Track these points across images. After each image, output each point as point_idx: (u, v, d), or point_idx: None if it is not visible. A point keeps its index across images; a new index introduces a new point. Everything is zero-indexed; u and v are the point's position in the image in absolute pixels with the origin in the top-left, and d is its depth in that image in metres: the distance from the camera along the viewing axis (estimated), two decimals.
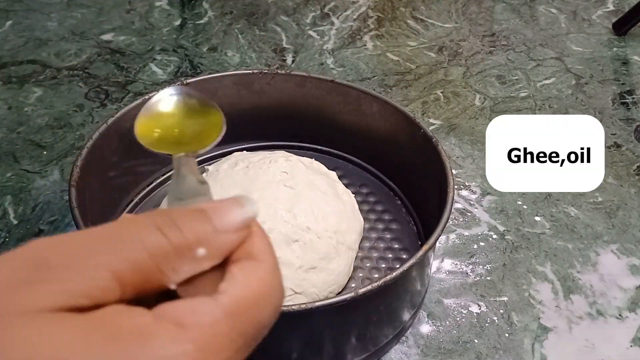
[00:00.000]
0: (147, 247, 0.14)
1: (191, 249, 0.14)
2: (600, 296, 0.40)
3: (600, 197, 0.48)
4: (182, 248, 0.14)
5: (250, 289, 0.15)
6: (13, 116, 0.55)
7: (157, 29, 0.68)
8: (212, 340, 0.13)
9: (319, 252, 0.37)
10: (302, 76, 0.45)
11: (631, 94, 0.60)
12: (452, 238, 0.44)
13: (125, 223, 0.14)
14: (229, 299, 0.14)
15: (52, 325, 0.12)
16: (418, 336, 0.38)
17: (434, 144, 0.39)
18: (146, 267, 0.14)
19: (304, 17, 0.71)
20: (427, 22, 0.71)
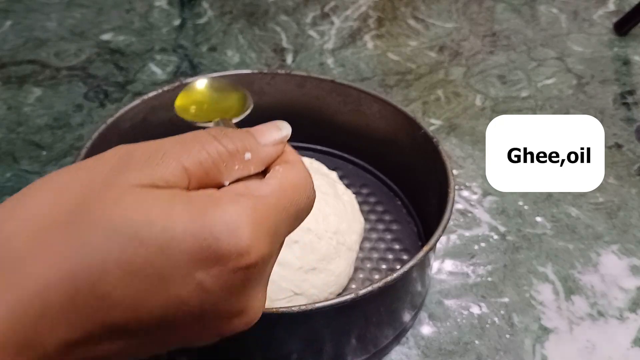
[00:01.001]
0: (206, 149, 0.18)
1: (240, 153, 0.19)
2: (601, 297, 0.40)
3: (601, 197, 0.48)
4: (233, 152, 0.18)
5: (289, 178, 0.19)
6: (12, 116, 0.55)
7: (156, 29, 0.68)
8: (263, 207, 0.17)
9: (319, 253, 0.37)
10: (302, 76, 0.45)
11: (632, 94, 0.60)
12: (452, 239, 0.44)
13: (189, 134, 0.19)
14: (274, 181, 0.19)
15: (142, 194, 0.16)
16: (419, 337, 0.38)
17: (434, 144, 0.39)
18: (206, 164, 0.18)
19: (304, 17, 0.71)
20: (427, 22, 0.70)
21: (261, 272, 0.18)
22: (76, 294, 0.15)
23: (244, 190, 0.18)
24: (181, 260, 0.16)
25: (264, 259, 0.17)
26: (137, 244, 0.16)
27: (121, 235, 0.16)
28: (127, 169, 0.17)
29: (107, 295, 0.16)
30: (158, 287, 0.16)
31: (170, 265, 0.16)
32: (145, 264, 0.16)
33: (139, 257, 0.16)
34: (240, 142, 0.19)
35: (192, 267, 0.16)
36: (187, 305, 0.16)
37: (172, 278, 0.16)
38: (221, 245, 0.16)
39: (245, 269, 0.17)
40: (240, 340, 0.32)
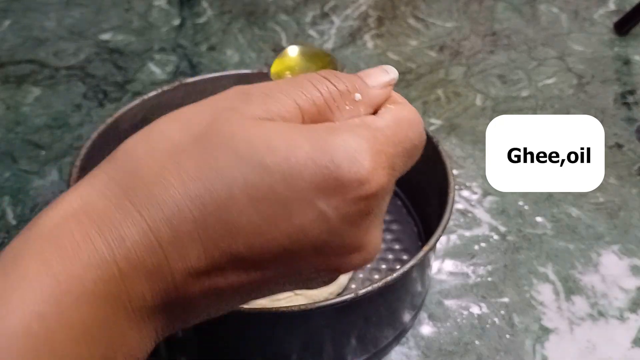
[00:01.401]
0: (318, 89, 0.18)
1: (350, 93, 0.19)
2: (601, 297, 0.40)
3: (602, 197, 0.48)
4: (343, 91, 0.19)
5: (402, 114, 0.19)
6: (11, 116, 0.55)
7: (155, 29, 0.68)
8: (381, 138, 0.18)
9: None
10: None
11: (632, 93, 0.60)
12: (452, 239, 0.44)
13: (302, 76, 0.19)
14: (389, 116, 0.19)
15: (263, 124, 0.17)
16: (419, 337, 0.37)
17: (434, 144, 0.38)
18: (319, 102, 0.18)
19: (303, 16, 0.71)
20: (427, 22, 0.70)
21: (379, 205, 0.18)
22: (204, 221, 0.16)
23: (361, 122, 0.18)
24: (303, 188, 0.16)
25: (384, 189, 0.17)
26: (261, 171, 0.16)
27: (246, 162, 0.16)
28: (246, 103, 0.17)
29: (233, 222, 0.16)
30: (281, 214, 0.16)
31: (293, 193, 0.16)
32: (269, 191, 0.16)
33: (263, 184, 0.16)
34: (350, 83, 0.19)
35: (314, 196, 0.16)
36: (309, 235, 0.16)
37: (294, 206, 0.16)
38: (342, 173, 0.16)
39: (365, 199, 0.17)
40: (240, 340, 0.32)
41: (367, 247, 0.18)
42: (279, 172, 0.16)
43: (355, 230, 0.17)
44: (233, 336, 0.32)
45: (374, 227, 0.18)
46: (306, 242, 0.17)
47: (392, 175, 0.18)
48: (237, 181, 0.16)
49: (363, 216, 0.17)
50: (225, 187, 0.16)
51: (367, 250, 0.18)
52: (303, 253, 0.17)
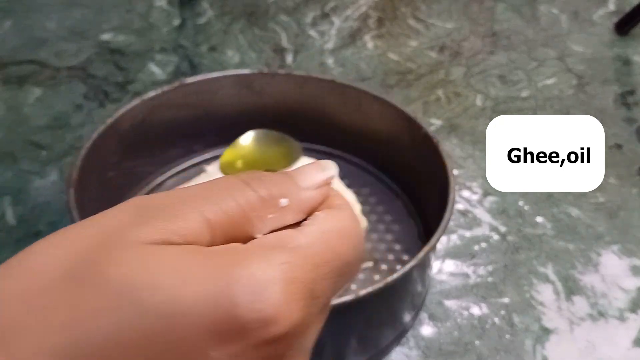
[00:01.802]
0: (235, 197, 0.15)
1: (275, 199, 0.16)
2: (601, 297, 0.40)
3: (602, 197, 0.48)
4: (266, 198, 0.16)
5: (333, 224, 0.16)
6: (12, 116, 0.55)
7: (156, 29, 0.68)
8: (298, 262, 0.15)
9: None
10: (302, 76, 0.45)
11: (632, 94, 0.60)
12: (453, 239, 0.44)
13: (216, 180, 0.16)
14: (314, 228, 0.16)
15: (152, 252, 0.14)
16: (419, 337, 0.38)
17: (435, 144, 0.38)
18: (233, 213, 0.15)
19: (304, 17, 0.71)
20: (427, 22, 0.70)
21: (295, 346, 0.14)
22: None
23: (275, 241, 0.15)
24: (191, 335, 0.13)
25: (297, 328, 0.14)
26: (139, 315, 0.13)
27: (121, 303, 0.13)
28: (139, 223, 0.15)
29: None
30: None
31: (178, 342, 0.13)
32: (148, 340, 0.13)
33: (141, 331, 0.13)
34: (275, 187, 0.16)
35: (206, 344, 0.13)
36: None
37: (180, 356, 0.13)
38: (241, 313, 0.13)
39: (272, 343, 0.14)
40: None
41: None
42: (161, 316, 0.13)
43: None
44: None
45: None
46: None
47: (312, 305, 0.15)
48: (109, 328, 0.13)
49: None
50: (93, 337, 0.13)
51: None
52: None
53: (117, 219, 0.15)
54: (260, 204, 0.16)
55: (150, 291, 0.13)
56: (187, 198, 0.15)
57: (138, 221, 0.15)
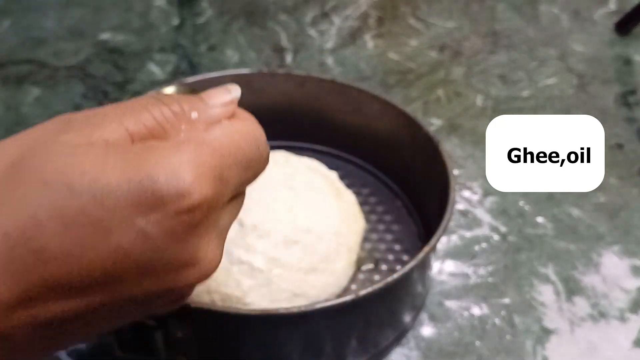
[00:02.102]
0: (151, 112, 0.18)
1: (186, 113, 0.18)
2: (602, 297, 0.40)
3: (603, 198, 0.47)
4: (178, 112, 0.18)
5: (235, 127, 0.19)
6: (11, 116, 0.55)
7: (155, 29, 0.68)
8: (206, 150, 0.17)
9: (319, 254, 0.37)
10: (302, 76, 0.45)
11: (633, 94, 0.60)
12: (453, 239, 0.44)
13: (134, 99, 0.18)
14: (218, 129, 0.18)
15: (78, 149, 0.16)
16: (419, 338, 0.37)
17: (435, 144, 0.38)
18: (150, 125, 0.17)
19: (303, 16, 0.70)
20: (428, 22, 0.70)
21: (208, 218, 0.17)
22: (10, 251, 0.15)
23: (186, 139, 0.18)
24: (118, 207, 0.16)
25: (209, 201, 0.17)
26: (69, 195, 0.15)
27: (53, 188, 0.15)
28: (65, 132, 0.17)
29: (42, 249, 0.15)
30: (96, 236, 0.15)
31: (106, 213, 0.15)
32: (79, 214, 0.15)
33: (72, 207, 0.15)
34: (186, 104, 0.19)
35: (131, 214, 0.16)
36: (130, 255, 0.16)
37: (110, 227, 0.16)
38: (160, 187, 0.16)
39: (187, 212, 0.16)
40: (240, 341, 0.32)
41: (201, 261, 0.17)
42: (89, 193, 0.15)
43: (183, 245, 0.17)
44: (233, 337, 0.32)
45: (206, 241, 0.17)
46: (129, 263, 0.16)
47: (222, 186, 0.17)
48: (44, 208, 0.15)
49: (189, 229, 0.17)
50: (30, 216, 0.15)
51: (202, 265, 0.18)
52: (128, 275, 0.16)
53: (45, 129, 0.17)
54: (173, 117, 0.18)
55: (79, 176, 0.15)
56: (109, 112, 0.18)
57: (64, 129, 0.17)
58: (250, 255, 0.35)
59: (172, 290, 0.18)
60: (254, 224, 0.36)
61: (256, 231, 0.36)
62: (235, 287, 0.35)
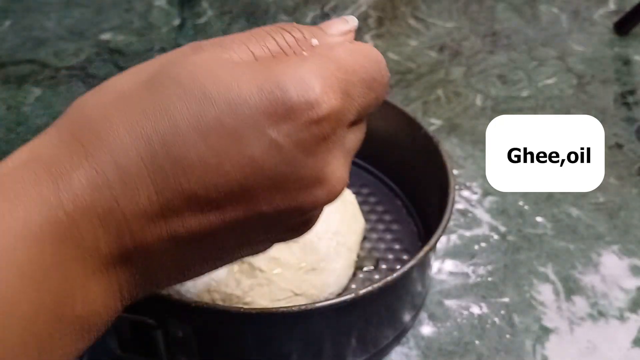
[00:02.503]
0: (273, 37, 0.18)
1: (307, 40, 0.18)
2: (601, 297, 0.40)
3: (602, 197, 0.48)
4: (299, 38, 0.18)
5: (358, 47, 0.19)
6: (12, 116, 0.55)
7: (156, 29, 0.68)
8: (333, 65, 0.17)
9: (319, 253, 0.37)
10: None
11: (633, 93, 0.60)
12: (453, 239, 0.44)
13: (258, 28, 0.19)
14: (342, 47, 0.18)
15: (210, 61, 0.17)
16: (419, 337, 0.37)
17: (435, 144, 0.38)
18: (274, 49, 0.18)
19: (304, 17, 0.71)
20: (427, 22, 0.70)
21: (335, 132, 0.17)
22: (152, 159, 0.15)
23: (311, 53, 0.18)
24: (251, 116, 0.16)
25: (336, 114, 0.17)
26: (206, 102, 0.15)
27: (190, 95, 0.15)
28: (196, 52, 0.17)
29: (182, 158, 0.15)
30: (231, 146, 0.15)
31: (240, 122, 0.15)
32: (216, 122, 0.15)
33: (209, 116, 0.15)
34: (307, 31, 0.19)
35: (263, 124, 0.16)
36: (263, 166, 0.16)
37: (244, 136, 0.16)
38: (290, 97, 0.16)
39: (317, 123, 0.16)
40: (240, 341, 0.32)
41: (329, 179, 0.17)
42: (224, 101, 0.15)
43: (313, 160, 0.17)
44: (233, 336, 0.32)
45: (334, 157, 0.17)
46: (261, 175, 0.16)
47: (348, 101, 0.17)
48: (182, 115, 0.15)
49: (318, 142, 0.16)
50: (170, 123, 0.15)
51: (331, 183, 0.17)
52: (260, 188, 0.16)
53: (178, 51, 0.18)
54: (295, 43, 0.18)
55: (213, 83, 0.16)
56: (236, 37, 0.18)
57: (196, 50, 0.17)
58: None
59: (300, 210, 0.17)
60: None
61: None
62: (236, 286, 0.35)
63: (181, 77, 0.16)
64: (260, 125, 0.16)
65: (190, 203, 0.16)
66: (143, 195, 0.15)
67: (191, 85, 0.16)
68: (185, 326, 0.30)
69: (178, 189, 0.15)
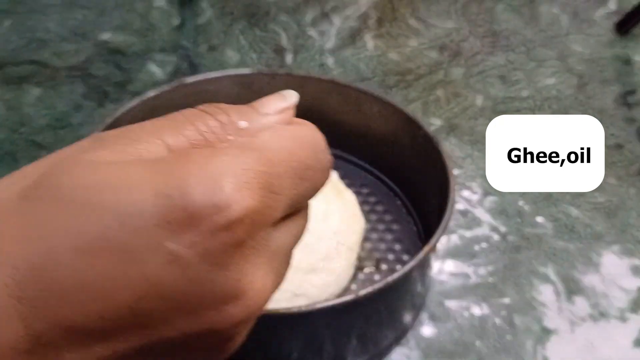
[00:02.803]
0: (195, 124, 0.15)
1: (234, 123, 0.16)
2: (601, 297, 0.40)
3: (601, 197, 0.48)
4: (225, 123, 0.16)
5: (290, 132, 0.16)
6: (13, 116, 0.55)
7: (156, 29, 0.68)
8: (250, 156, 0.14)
9: (319, 253, 0.37)
10: (302, 76, 0.45)
11: (632, 94, 0.60)
12: (453, 239, 0.44)
13: (177, 112, 0.16)
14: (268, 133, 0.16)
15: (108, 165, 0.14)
16: (419, 338, 0.38)
17: (434, 144, 0.38)
18: (193, 138, 0.15)
19: (303, 17, 0.71)
20: (427, 23, 0.70)
21: (253, 237, 0.14)
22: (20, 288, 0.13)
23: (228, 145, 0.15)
24: (143, 227, 0.13)
25: (254, 214, 0.14)
26: (89, 215, 0.13)
27: (71, 208, 0.13)
28: (97, 147, 0.14)
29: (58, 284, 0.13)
30: (119, 266, 0.13)
31: (130, 237, 0.13)
32: (99, 239, 0.13)
33: (93, 232, 0.13)
34: (235, 114, 0.16)
35: (160, 235, 0.13)
36: (159, 287, 0.13)
37: (136, 252, 0.13)
38: (192, 200, 0.13)
39: (227, 229, 0.13)
40: None
41: (246, 293, 0.14)
42: (112, 212, 0.13)
43: (224, 273, 0.14)
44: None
45: (253, 266, 0.14)
46: (158, 296, 0.13)
47: (270, 198, 0.14)
48: (59, 233, 0.13)
49: (231, 251, 0.14)
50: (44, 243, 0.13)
51: (248, 297, 0.14)
52: (158, 311, 0.13)
53: (75, 146, 0.15)
54: (220, 128, 0.15)
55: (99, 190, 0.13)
56: (147, 126, 0.15)
57: (96, 146, 0.15)
58: None
59: (214, 332, 0.14)
60: None
61: None
62: None
63: (63, 185, 0.13)
64: (156, 237, 0.13)
65: (68, 335, 0.13)
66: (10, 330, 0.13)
67: (73, 195, 0.13)
68: None
69: (52, 320, 0.13)
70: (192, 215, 0.13)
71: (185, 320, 0.14)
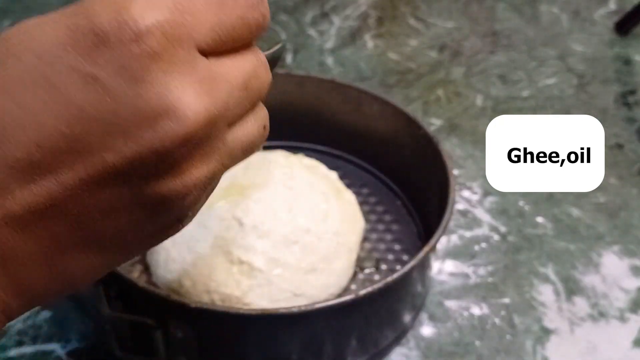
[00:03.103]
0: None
1: None
2: (602, 297, 0.40)
3: (602, 197, 0.47)
4: None
5: None
6: None
7: None
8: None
9: (319, 254, 0.37)
10: (302, 76, 0.45)
11: (633, 93, 0.60)
12: (453, 239, 0.44)
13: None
14: None
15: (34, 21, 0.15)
16: (419, 338, 0.37)
17: (435, 144, 0.38)
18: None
19: (303, 16, 0.71)
20: (427, 22, 0.70)
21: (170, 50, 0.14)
22: None
23: None
24: (58, 56, 0.14)
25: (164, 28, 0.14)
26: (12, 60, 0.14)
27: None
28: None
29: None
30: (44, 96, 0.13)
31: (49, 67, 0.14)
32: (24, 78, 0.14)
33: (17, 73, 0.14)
34: None
35: (74, 60, 0.14)
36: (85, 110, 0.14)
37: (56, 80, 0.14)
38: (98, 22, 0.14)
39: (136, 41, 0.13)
40: (240, 341, 0.32)
41: (176, 106, 0.14)
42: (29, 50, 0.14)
43: (145, 86, 0.14)
44: (233, 337, 0.32)
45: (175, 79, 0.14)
46: (86, 119, 0.14)
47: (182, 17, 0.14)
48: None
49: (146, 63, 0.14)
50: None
51: (180, 110, 0.14)
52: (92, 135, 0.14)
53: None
54: None
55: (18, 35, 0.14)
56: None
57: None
58: (250, 255, 0.35)
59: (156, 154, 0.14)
60: (254, 224, 0.36)
61: (256, 231, 0.36)
62: (235, 287, 0.35)
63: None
64: (71, 63, 0.14)
65: (14, 173, 0.14)
66: None
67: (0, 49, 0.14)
68: (185, 327, 0.30)
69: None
70: (100, 35, 0.14)
71: (123, 142, 0.14)
